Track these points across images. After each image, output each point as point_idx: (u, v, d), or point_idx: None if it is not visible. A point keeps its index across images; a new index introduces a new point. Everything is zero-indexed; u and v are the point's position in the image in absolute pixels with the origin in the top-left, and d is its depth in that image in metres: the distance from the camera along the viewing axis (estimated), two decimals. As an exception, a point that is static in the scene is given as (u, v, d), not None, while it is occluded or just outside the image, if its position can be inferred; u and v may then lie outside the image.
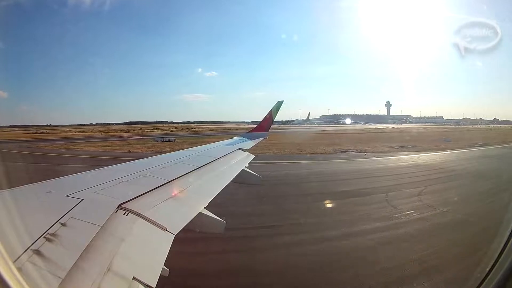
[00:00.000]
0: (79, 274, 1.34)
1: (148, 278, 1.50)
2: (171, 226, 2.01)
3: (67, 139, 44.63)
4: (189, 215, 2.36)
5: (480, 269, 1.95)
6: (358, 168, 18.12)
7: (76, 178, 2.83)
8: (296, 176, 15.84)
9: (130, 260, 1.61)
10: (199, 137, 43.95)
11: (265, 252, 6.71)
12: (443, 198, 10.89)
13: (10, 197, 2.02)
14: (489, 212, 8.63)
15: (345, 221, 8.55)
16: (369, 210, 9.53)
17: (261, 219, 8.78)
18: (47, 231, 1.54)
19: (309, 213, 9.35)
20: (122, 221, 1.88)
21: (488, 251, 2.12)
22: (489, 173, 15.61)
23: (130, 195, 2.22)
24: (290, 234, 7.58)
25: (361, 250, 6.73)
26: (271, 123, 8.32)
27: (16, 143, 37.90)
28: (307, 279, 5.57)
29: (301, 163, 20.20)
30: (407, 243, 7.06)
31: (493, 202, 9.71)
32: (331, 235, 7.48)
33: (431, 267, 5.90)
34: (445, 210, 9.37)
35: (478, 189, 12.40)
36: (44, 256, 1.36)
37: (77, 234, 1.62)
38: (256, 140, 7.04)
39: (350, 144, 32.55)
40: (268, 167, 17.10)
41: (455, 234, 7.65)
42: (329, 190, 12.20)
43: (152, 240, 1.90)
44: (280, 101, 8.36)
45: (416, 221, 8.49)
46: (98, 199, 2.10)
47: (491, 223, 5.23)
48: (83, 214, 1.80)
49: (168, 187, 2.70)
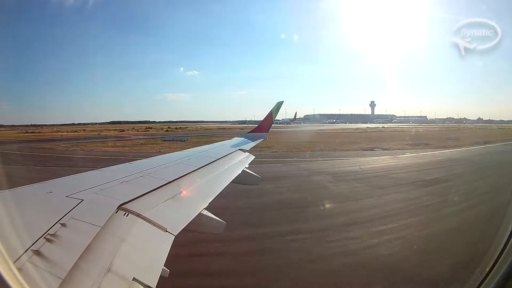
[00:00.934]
0: (79, 275, 1.35)
1: (148, 278, 1.51)
2: (171, 227, 2.02)
3: (68, 139, 43.51)
4: (189, 215, 2.36)
5: (480, 269, 1.95)
6: (421, 162, 20.03)
7: (76, 178, 2.83)
8: (391, 169, 17.51)
9: (130, 261, 1.61)
10: (209, 136, 42.77)
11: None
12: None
13: (11, 197, 2.02)
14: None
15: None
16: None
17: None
18: (47, 231, 1.54)
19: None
20: (122, 222, 1.88)
21: (488, 251, 2.12)
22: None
23: (130, 196, 2.23)
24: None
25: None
26: (271, 123, 8.32)
27: (18, 144, 36.79)
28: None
29: (359, 159, 21.41)
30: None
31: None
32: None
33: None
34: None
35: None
36: (44, 257, 1.36)
37: (77, 235, 1.62)
38: (256, 140, 7.05)
39: (368, 142, 33.58)
40: (343, 162, 19.56)
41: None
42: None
43: (152, 240, 1.91)
44: (280, 101, 8.36)
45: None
46: (98, 200, 2.10)
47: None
48: (83, 215, 1.80)
49: (168, 188, 2.70)
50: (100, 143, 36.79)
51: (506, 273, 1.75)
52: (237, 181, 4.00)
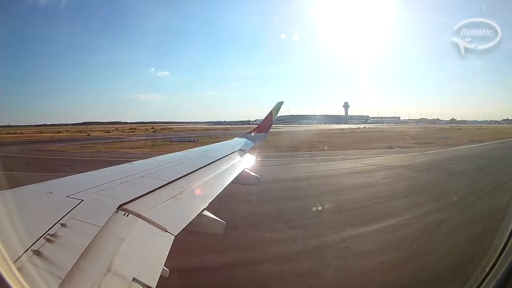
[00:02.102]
0: (79, 275, 1.35)
1: (148, 278, 1.51)
2: (171, 227, 2.02)
3: (69, 140, 42.24)
4: (189, 216, 2.36)
5: (480, 269, 1.95)
6: (458, 155, 24.05)
7: (76, 178, 2.83)
8: (439, 162, 20.52)
9: (130, 261, 1.61)
10: (214, 137, 41.82)
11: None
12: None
13: (11, 197, 2.02)
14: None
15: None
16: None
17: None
18: (47, 231, 1.54)
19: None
20: (122, 222, 1.88)
21: (488, 251, 2.12)
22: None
23: (130, 196, 2.23)
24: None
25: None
26: (271, 123, 8.33)
27: (22, 145, 35.06)
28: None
29: (399, 155, 23.88)
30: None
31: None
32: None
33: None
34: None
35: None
36: (44, 257, 1.36)
37: (77, 235, 1.62)
38: (257, 141, 7.05)
39: (378, 142, 36.09)
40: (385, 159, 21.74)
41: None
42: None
43: (152, 241, 1.91)
44: (280, 101, 8.37)
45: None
46: (98, 200, 2.10)
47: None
48: (83, 215, 1.80)
49: (168, 188, 2.70)
50: (110, 144, 35.74)
51: (506, 273, 1.75)
52: (237, 181, 4.01)
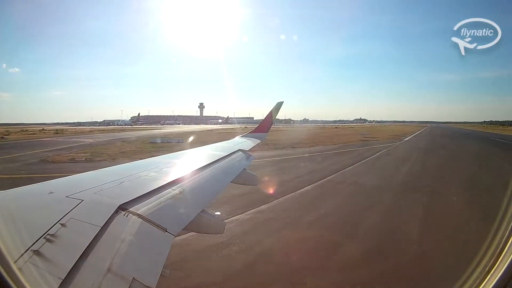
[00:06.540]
0: (79, 275, 1.35)
1: (148, 278, 1.51)
2: (171, 227, 2.02)
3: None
4: (189, 216, 2.37)
5: (480, 269, 1.95)
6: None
7: (76, 178, 2.84)
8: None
9: (130, 261, 1.61)
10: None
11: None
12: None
13: (11, 197, 2.02)
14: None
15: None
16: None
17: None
18: (47, 231, 1.54)
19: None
20: (122, 222, 1.88)
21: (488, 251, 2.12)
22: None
23: (130, 196, 2.23)
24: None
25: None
26: (271, 124, 8.35)
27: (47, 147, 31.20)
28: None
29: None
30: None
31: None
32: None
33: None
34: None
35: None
36: (44, 257, 1.36)
37: (77, 235, 1.62)
38: (257, 141, 7.06)
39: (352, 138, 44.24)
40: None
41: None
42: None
43: (152, 241, 1.91)
44: (280, 102, 8.37)
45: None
46: (98, 200, 2.10)
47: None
48: (83, 215, 1.80)
49: (168, 188, 2.70)
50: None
51: (506, 273, 1.75)
52: (236, 181, 4.01)
